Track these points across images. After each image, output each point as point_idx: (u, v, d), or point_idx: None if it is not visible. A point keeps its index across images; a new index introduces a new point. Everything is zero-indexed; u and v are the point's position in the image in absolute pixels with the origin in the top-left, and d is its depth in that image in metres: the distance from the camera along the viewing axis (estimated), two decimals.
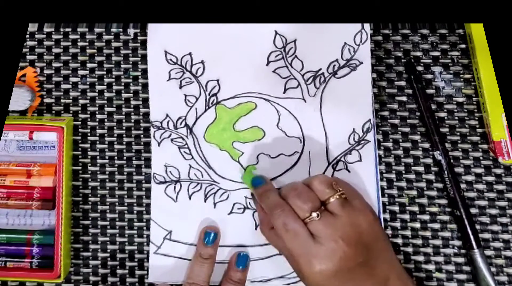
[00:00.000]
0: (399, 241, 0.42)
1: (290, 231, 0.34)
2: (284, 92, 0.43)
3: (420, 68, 0.44)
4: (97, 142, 0.44)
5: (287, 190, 0.36)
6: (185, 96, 0.43)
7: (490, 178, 0.42)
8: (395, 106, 0.44)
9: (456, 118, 0.43)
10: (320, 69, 0.43)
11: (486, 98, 0.41)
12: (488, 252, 0.41)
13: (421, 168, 0.43)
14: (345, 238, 0.33)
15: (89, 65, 0.45)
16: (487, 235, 0.42)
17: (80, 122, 0.44)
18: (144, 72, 0.44)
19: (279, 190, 0.38)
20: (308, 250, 0.34)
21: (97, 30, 0.45)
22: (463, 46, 0.44)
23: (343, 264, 0.33)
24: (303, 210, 0.34)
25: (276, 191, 0.38)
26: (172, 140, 0.43)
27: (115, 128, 0.44)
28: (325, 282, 0.34)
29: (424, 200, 0.42)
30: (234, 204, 0.42)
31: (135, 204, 0.43)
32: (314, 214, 0.34)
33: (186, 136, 0.43)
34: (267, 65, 0.43)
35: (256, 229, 0.42)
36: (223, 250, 0.41)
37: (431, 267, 0.42)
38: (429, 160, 0.43)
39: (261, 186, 0.39)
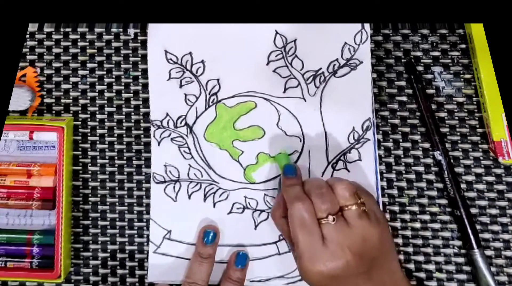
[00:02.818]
0: (399, 241, 0.42)
1: (305, 228, 0.35)
2: (284, 92, 0.43)
3: (420, 68, 0.44)
4: (97, 142, 0.44)
5: (311, 186, 0.37)
6: (185, 95, 0.43)
7: (490, 178, 0.42)
8: (395, 106, 0.44)
9: (456, 118, 0.43)
10: (320, 69, 0.43)
11: (486, 98, 0.41)
12: (488, 252, 0.41)
13: (421, 168, 0.43)
14: (353, 249, 0.34)
15: (89, 65, 0.45)
16: (487, 235, 0.42)
17: (80, 122, 0.44)
18: (144, 72, 0.44)
19: (303, 182, 0.38)
20: (315, 249, 0.34)
21: (97, 30, 0.45)
22: (463, 46, 0.44)
23: (343, 271, 0.34)
24: (321, 211, 0.35)
25: (301, 185, 0.38)
26: (172, 139, 0.43)
27: (115, 128, 0.44)
28: (321, 281, 0.34)
29: (424, 200, 0.42)
30: (233, 204, 0.42)
31: (135, 204, 0.43)
32: (331, 218, 0.35)
33: (186, 135, 0.43)
34: (267, 64, 0.43)
35: (255, 229, 0.42)
36: (222, 250, 0.42)
37: (431, 267, 0.42)
38: (429, 160, 0.43)
39: (291, 177, 0.39)
